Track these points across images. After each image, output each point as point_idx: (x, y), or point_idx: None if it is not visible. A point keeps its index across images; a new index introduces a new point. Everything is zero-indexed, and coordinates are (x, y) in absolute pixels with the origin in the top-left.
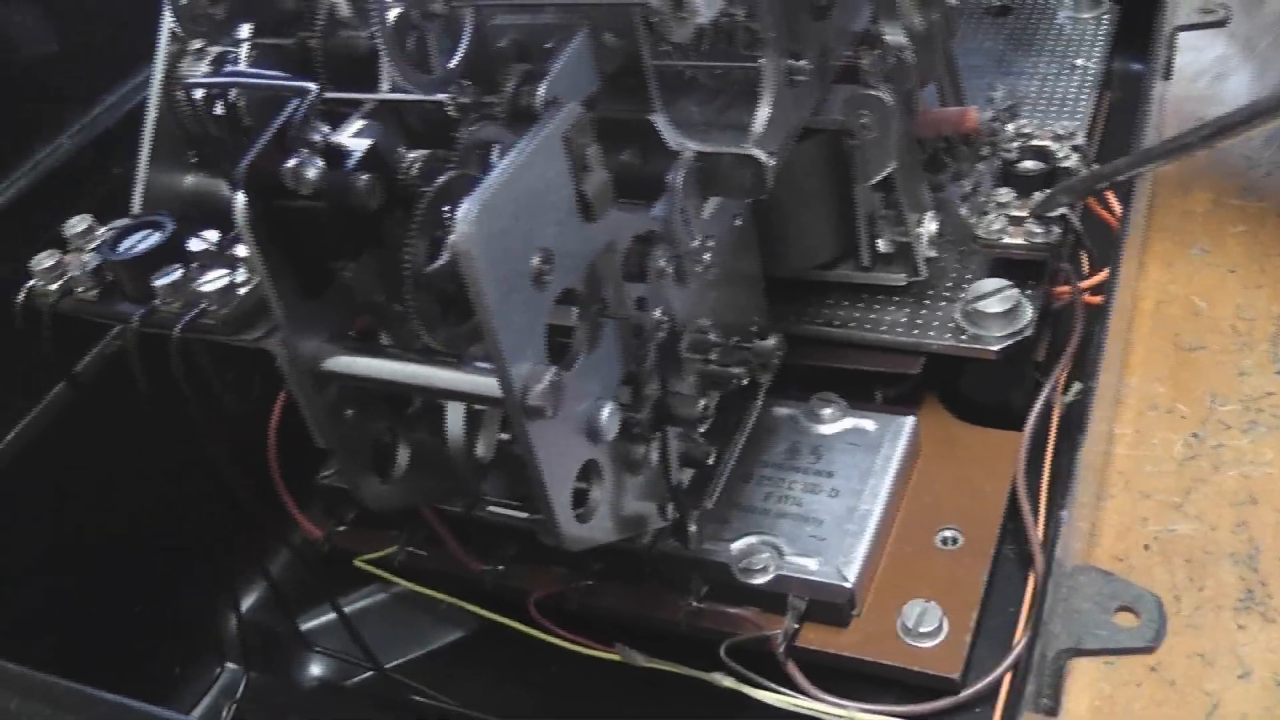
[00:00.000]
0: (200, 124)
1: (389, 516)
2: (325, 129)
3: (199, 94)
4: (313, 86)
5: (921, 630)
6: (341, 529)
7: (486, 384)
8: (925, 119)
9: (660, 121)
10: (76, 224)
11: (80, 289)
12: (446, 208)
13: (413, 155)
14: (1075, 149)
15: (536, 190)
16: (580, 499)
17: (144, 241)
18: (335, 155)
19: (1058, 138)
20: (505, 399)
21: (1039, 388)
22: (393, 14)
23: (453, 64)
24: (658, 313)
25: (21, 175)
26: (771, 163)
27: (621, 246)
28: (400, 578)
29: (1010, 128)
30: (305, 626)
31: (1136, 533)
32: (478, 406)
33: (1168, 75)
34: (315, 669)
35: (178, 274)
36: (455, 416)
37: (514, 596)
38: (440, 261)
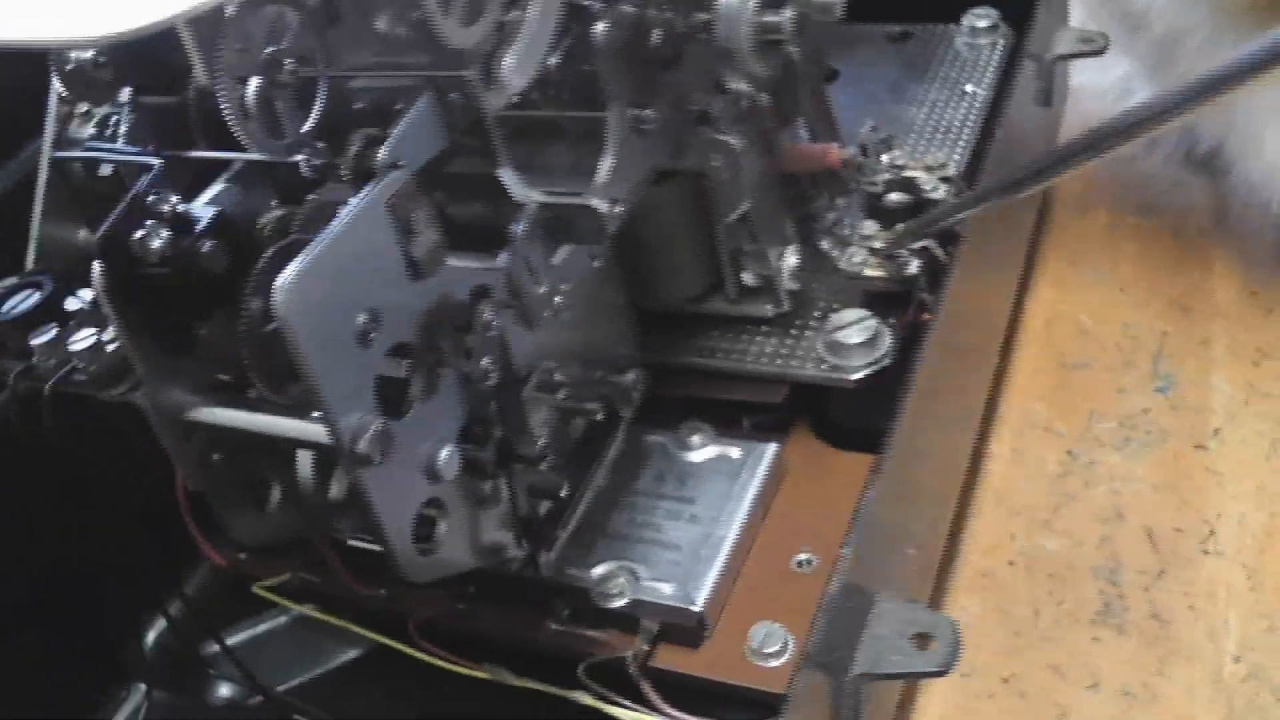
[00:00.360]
0: (89, 184)
1: (282, 547)
2: (174, 199)
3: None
4: (156, 162)
5: (766, 651)
6: (243, 558)
7: (325, 433)
8: (790, 155)
9: (505, 175)
10: None
11: None
12: None
13: (266, 218)
14: (945, 180)
15: (360, 254)
16: (427, 533)
17: (25, 302)
18: (184, 223)
19: (929, 169)
20: (335, 448)
21: None
22: (249, 87)
23: (305, 128)
24: (485, 362)
25: None
26: (616, 210)
27: (459, 298)
28: (296, 603)
29: (885, 158)
30: (210, 651)
31: (1004, 548)
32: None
33: (1047, 102)
34: (223, 690)
35: (53, 333)
36: (305, 461)
37: (398, 619)
38: (274, 324)
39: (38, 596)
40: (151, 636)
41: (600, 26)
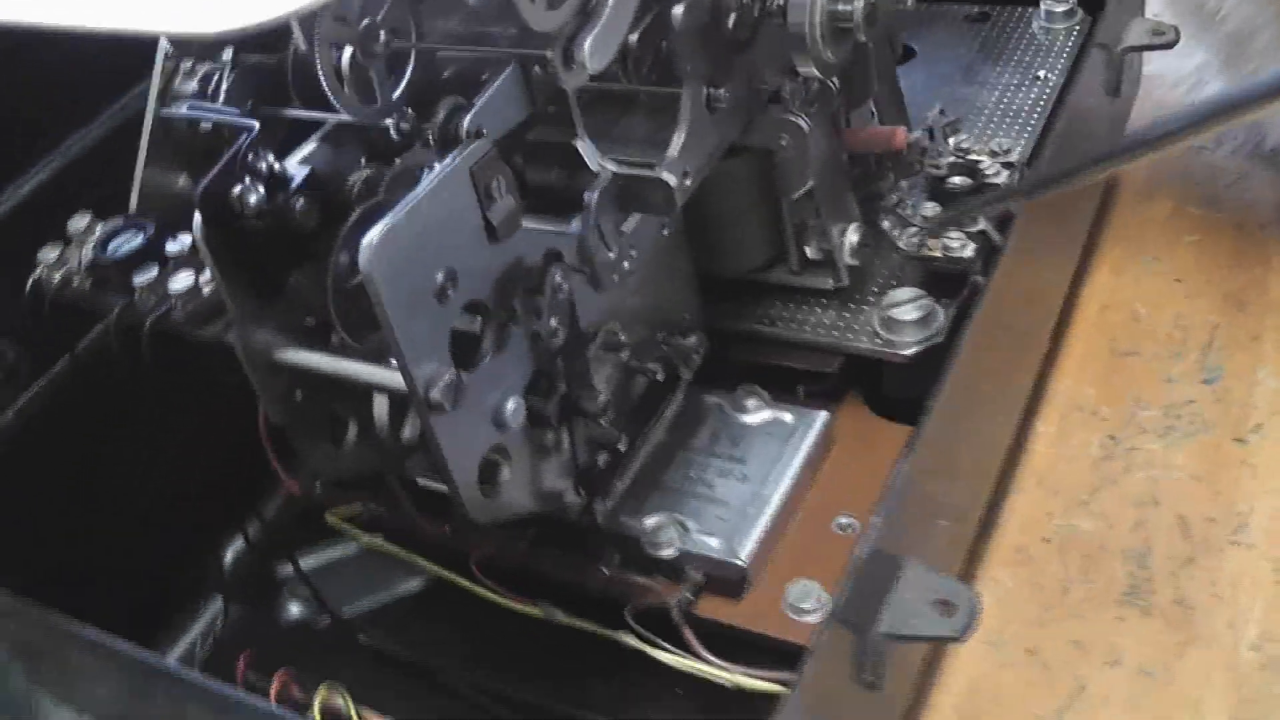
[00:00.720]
0: (190, 137)
1: (355, 481)
2: (270, 157)
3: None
4: (254, 123)
5: (802, 606)
6: (318, 488)
7: (401, 380)
8: (856, 137)
9: (582, 145)
10: (78, 221)
11: (77, 281)
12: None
13: (354, 177)
14: (1008, 165)
15: (442, 218)
16: (491, 476)
17: (129, 243)
18: (279, 181)
19: (993, 154)
20: (410, 395)
21: None
22: (343, 53)
23: (396, 95)
24: (553, 322)
25: (37, 173)
26: (686, 183)
27: (532, 262)
28: (366, 533)
29: (951, 141)
30: (284, 572)
31: (1041, 526)
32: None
33: (1116, 92)
34: (294, 610)
35: (154, 273)
36: (381, 405)
37: (460, 556)
38: (359, 278)
39: (131, 509)
40: (230, 555)
41: (679, 8)
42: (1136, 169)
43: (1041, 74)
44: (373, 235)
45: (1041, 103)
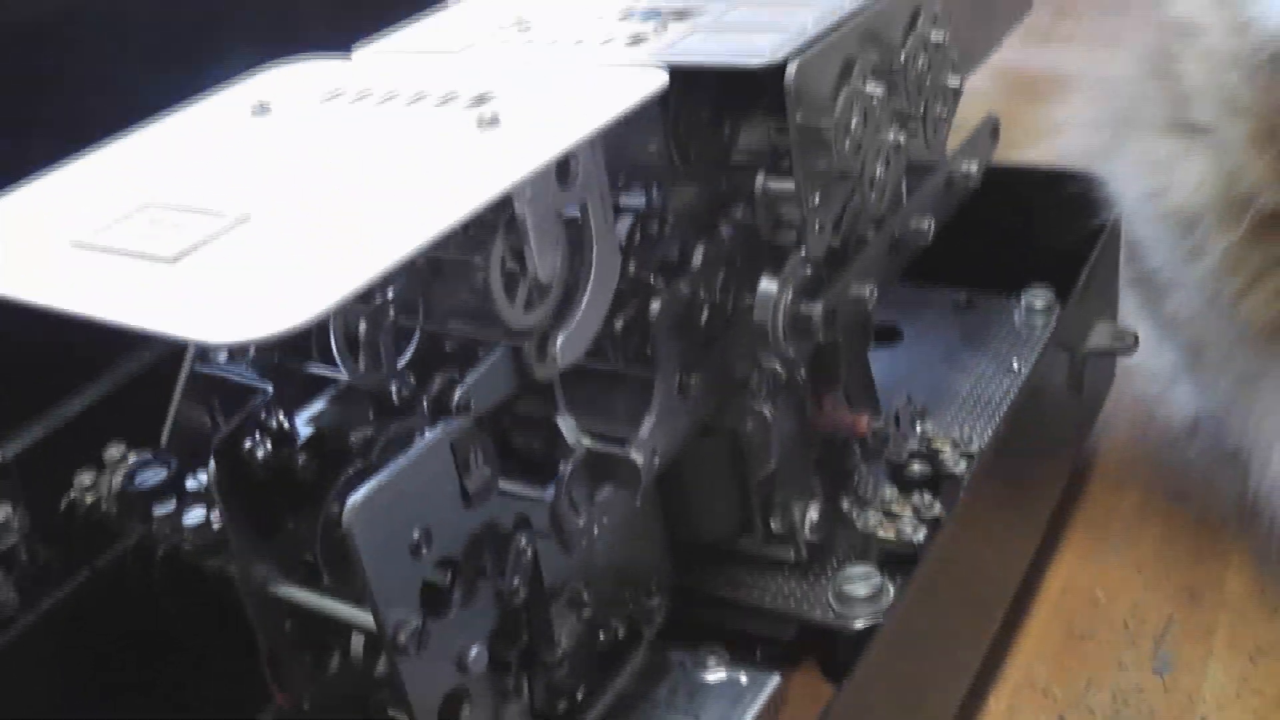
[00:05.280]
0: (221, 384)
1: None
2: (280, 415)
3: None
4: (269, 388)
5: None
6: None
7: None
8: (823, 420)
9: (562, 422)
10: (113, 451)
11: (105, 506)
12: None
13: (357, 435)
14: (966, 456)
15: (422, 483)
16: (452, 716)
17: (154, 477)
18: (285, 437)
19: (954, 445)
20: (379, 637)
21: None
22: (359, 327)
23: (401, 363)
24: (516, 580)
25: (79, 397)
26: (653, 462)
27: (504, 524)
28: None
29: (918, 429)
30: None
31: None
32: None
33: (1078, 390)
34: None
35: (171, 506)
36: (358, 641)
37: None
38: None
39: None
40: None
41: (655, 303)
42: (1108, 457)
43: (1015, 365)
44: (356, 497)
45: (1011, 394)
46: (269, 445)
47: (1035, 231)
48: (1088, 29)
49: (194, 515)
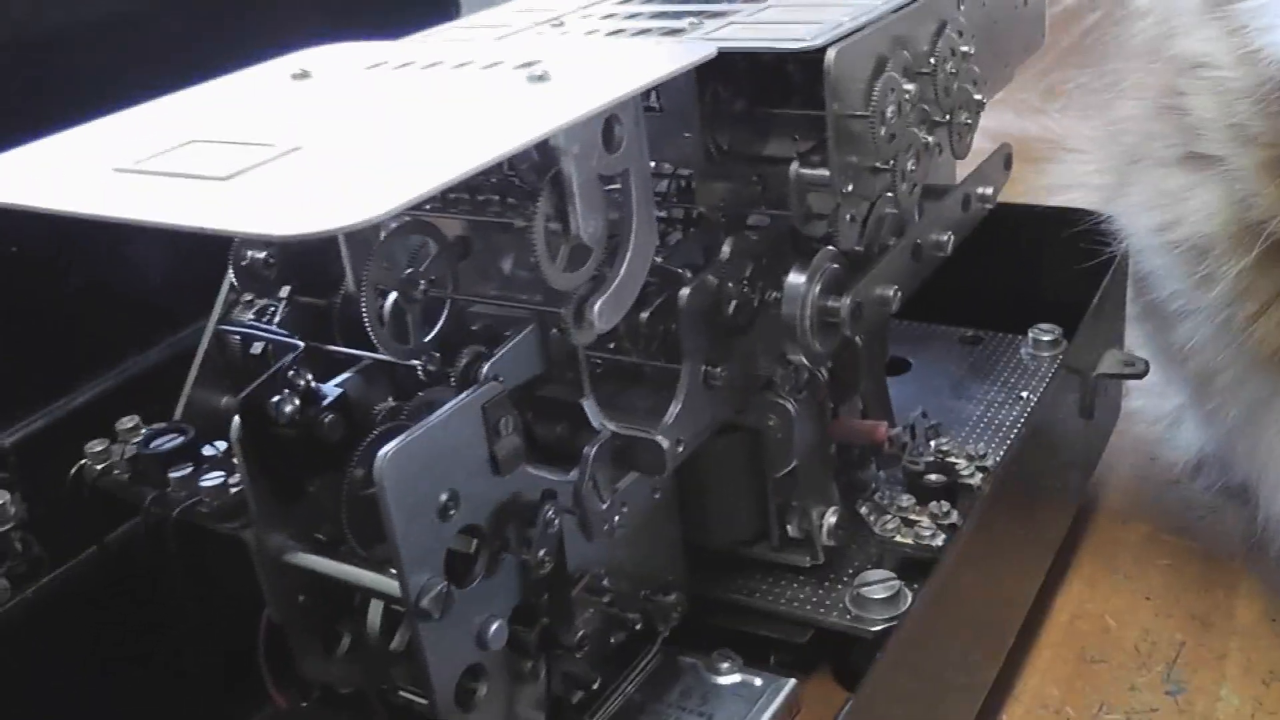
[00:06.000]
0: (241, 359)
1: (338, 697)
2: (309, 376)
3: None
4: (300, 344)
5: None
6: (304, 706)
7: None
8: (841, 427)
9: (587, 405)
10: (125, 422)
11: (117, 471)
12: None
13: (381, 406)
14: (981, 469)
15: (452, 444)
16: (468, 691)
17: (169, 442)
18: (313, 397)
19: (970, 458)
20: (403, 600)
21: None
22: (387, 299)
23: (427, 339)
24: (542, 554)
25: (92, 386)
26: (678, 449)
27: (529, 497)
28: None
29: (932, 443)
30: None
31: None
32: (396, 607)
33: (1089, 415)
34: None
35: (188, 470)
36: (375, 611)
37: None
38: (372, 489)
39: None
40: None
41: (685, 291)
42: (1112, 497)
43: (1024, 394)
44: (388, 448)
45: (1022, 420)
46: (296, 401)
47: (1041, 272)
48: (1078, 104)
49: (212, 478)
